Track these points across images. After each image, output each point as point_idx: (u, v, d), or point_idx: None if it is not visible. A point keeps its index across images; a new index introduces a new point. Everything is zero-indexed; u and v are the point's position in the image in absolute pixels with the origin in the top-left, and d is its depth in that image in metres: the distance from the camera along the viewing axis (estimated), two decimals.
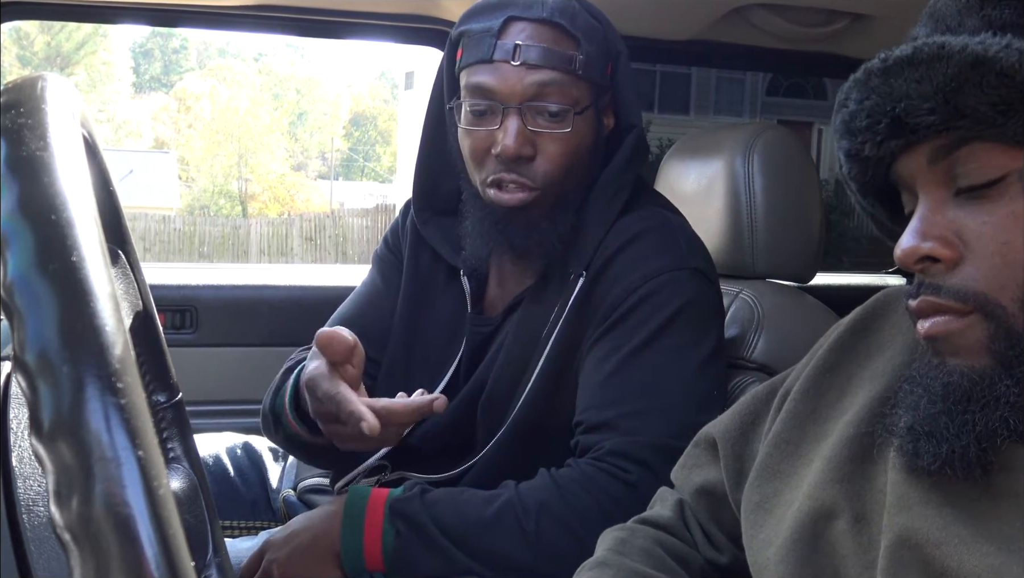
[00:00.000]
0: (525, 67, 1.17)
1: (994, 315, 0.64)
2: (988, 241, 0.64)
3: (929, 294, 0.66)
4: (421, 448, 1.30)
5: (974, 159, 0.64)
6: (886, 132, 0.66)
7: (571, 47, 1.19)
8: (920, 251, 0.66)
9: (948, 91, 0.63)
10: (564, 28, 1.19)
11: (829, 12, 1.80)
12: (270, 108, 30.72)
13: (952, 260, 0.65)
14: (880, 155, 0.68)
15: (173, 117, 28.96)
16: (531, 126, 1.18)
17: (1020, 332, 0.63)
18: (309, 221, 16.67)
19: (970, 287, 0.64)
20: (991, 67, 0.61)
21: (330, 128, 33.05)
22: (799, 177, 1.46)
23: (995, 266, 0.63)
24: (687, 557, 0.92)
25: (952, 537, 0.64)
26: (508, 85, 1.17)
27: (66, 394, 0.34)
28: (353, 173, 32.21)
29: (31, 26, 22.97)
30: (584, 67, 1.19)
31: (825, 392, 0.83)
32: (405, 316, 1.37)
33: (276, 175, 27.69)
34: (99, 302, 0.36)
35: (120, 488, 0.34)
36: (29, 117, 0.42)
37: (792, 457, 0.82)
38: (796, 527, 0.75)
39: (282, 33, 1.97)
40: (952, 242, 0.65)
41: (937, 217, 0.66)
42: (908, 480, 0.69)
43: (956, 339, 0.65)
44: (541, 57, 1.17)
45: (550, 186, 1.20)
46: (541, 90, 1.17)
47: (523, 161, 1.19)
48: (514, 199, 1.20)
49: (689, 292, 1.19)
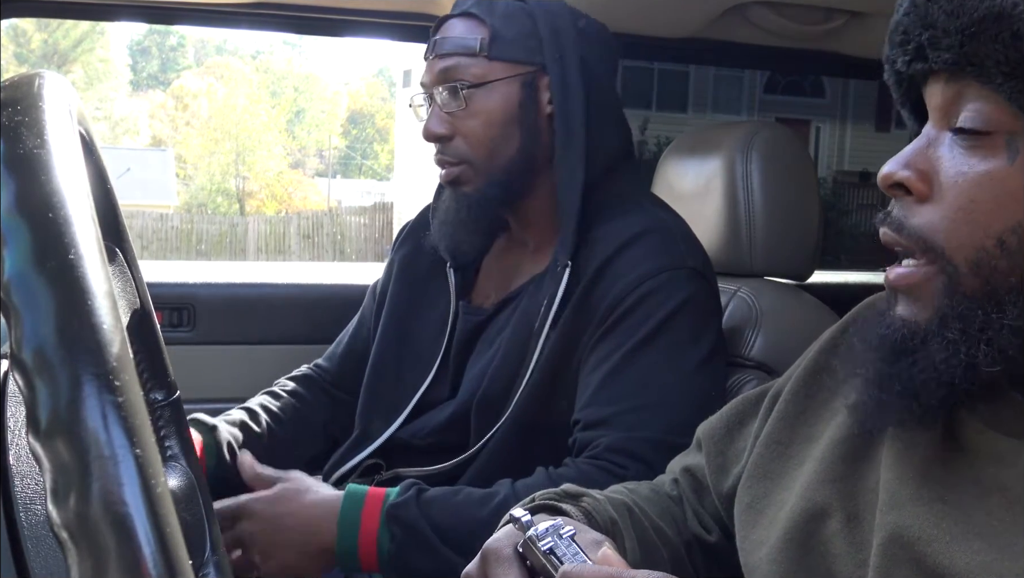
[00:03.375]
0: (437, 57, 1.30)
1: (946, 272, 0.64)
2: (958, 193, 0.64)
3: (892, 229, 0.67)
4: (415, 445, 1.31)
5: (977, 103, 0.64)
6: (913, 54, 0.67)
7: (480, 32, 1.28)
8: (895, 177, 0.67)
9: (967, 34, 0.63)
10: (476, 16, 1.29)
11: (827, 9, 1.80)
12: (268, 106, 30.68)
13: (921, 195, 0.66)
14: (909, 72, 0.69)
15: (170, 115, 28.93)
16: (444, 109, 1.29)
17: (964, 293, 0.64)
18: (307, 219, 16.67)
19: (930, 236, 0.65)
20: (1009, 24, 0.61)
21: (328, 126, 33.03)
22: (797, 175, 1.46)
23: (957, 220, 0.64)
24: (679, 521, 0.94)
25: (943, 534, 0.64)
26: (427, 76, 1.32)
27: (63, 392, 0.34)
28: (351, 171, 32.20)
29: (28, 23, 22.95)
30: (492, 48, 1.27)
31: (816, 393, 0.83)
32: (396, 316, 1.41)
33: (274, 173, 27.68)
34: (96, 300, 0.36)
35: (117, 486, 0.34)
36: (26, 115, 0.42)
37: (782, 458, 0.82)
38: (788, 528, 0.76)
39: (280, 31, 1.97)
40: (928, 178, 0.66)
41: (927, 151, 0.67)
42: (900, 478, 0.69)
43: (915, 289, 0.67)
44: (445, 46, 1.29)
45: (471, 161, 1.29)
46: (446, 74, 1.29)
47: (445, 140, 1.30)
48: (444, 175, 1.32)
49: (687, 291, 1.20)
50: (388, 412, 1.35)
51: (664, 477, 1.01)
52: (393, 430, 1.32)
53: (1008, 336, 0.62)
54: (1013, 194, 0.62)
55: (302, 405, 1.46)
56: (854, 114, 7.91)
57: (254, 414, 1.40)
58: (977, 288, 0.63)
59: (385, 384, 1.38)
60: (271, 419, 1.41)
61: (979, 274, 0.63)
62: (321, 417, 1.46)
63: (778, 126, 1.51)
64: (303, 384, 1.50)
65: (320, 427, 1.45)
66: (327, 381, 1.51)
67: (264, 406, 1.43)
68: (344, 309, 1.87)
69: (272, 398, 1.46)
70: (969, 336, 0.63)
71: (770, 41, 1.90)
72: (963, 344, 0.63)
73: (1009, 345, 0.62)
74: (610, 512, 0.85)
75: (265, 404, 1.43)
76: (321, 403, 1.48)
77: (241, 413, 1.39)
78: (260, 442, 1.37)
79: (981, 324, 0.63)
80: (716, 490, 0.92)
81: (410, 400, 1.34)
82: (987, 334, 0.63)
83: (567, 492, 0.87)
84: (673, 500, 0.97)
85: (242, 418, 1.38)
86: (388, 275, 1.48)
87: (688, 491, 0.97)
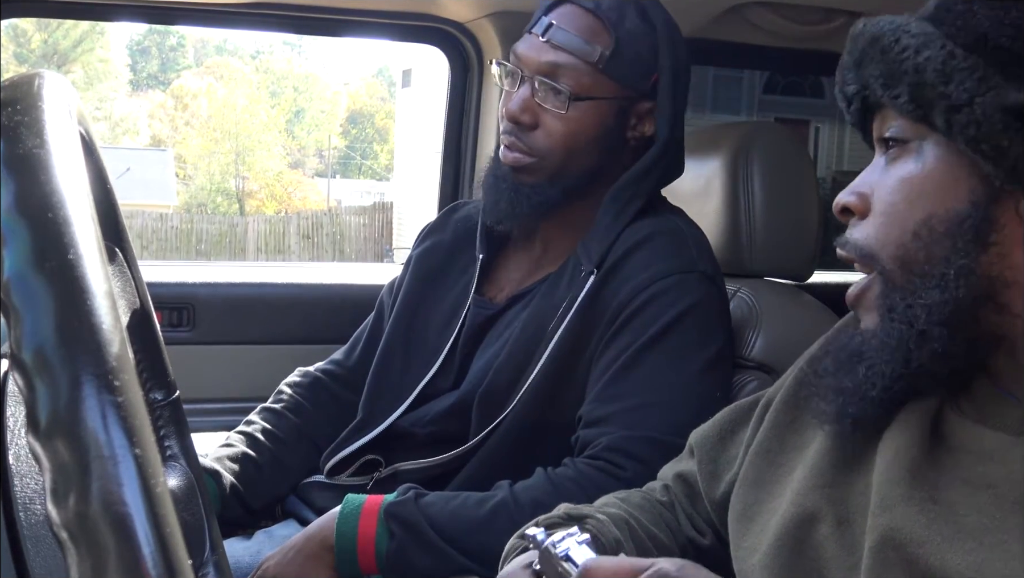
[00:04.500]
0: (550, 44, 1.24)
1: (881, 272, 0.72)
2: (881, 200, 0.73)
3: (840, 246, 0.76)
4: (415, 434, 1.31)
5: (893, 120, 0.73)
6: (841, 95, 0.78)
7: (603, 41, 1.23)
8: (840, 203, 0.77)
9: (857, 63, 0.74)
10: (603, 22, 1.23)
11: (826, 10, 1.80)
12: (267, 106, 30.66)
13: (862, 212, 0.75)
14: (851, 110, 0.77)
15: (170, 115, 28.91)
16: (538, 98, 1.25)
17: (896, 288, 0.71)
18: (306, 219, 16.66)
19: (862, 244, 0.73)
20: (878, 44, 0.71)
21: (327, 126, 33.01)
22: (797, 175, 1.46)
23: (882, 225, 0.72)
24: (673, 526, 0.96)
25: (935, 535, 0.65)
26: (529, 56, 1.26)
27: (63, 392, 0.34)
28: (350, 171, 32.18)
29: (28, 23, 22.95)
30: (608, 63, 1.23)
31: (805, 402, 0.84)
32: (408, 307, 1.40)
33: (273, 173, 27.65)
34: (96, 300, 0.36)
35: (117, 486, 0.34)
36: (26, 115, 0.42)
37: (773, 466, 0.83)
38: (780, 534, 0.76)
39: (280, 31, 1.97)
40: (866, 199, 0.74)
41: (869, 176, 0.75)
42: (890, 480, 0.69)
43: (862, 298, 0.75)
44: (564, 40, 1.24)
45: (545, 159, 1.26)
46: (554, 69, 1.24)
47: (524, 128, 1.26)
48: (509, 157, 1.28)
49: (696, 295, 1.21)
50: (392, 400, 1.35)
51: (654, 484, 1.02)
52: (396, 417, 1.32)
53: (924, 312, 0.69)
54: (923, 193, 0.70)
55: (304, 422, 1.45)
56: None
57: (256, 443, 1.39)
58: (904, 281, 0.71)
59: (391, 373, 1.37)
60: (273, 444, 1.40)
61: (904, 268, 0.71)
62: (324, 430, 1.44)
63: (778, 126, 1.51)
64: (308, 393, 1.48)
65: (324, 440, 1.43)
66: (338, 382, 1.49)
67: (266, 431, 1.41)
68: (344, 309, 1.88)
69: (274, 417, 1.44)
70: (897, 323, 0.70)
71: (769, 41, 1.90)
72: (895, 331, 0.70)
73: (928, 322, 0.69)
74: (614, 532, 0.87)
75: (267, 428, 1.42)
76: (325, 414, 1.46)
77: (242, 445, 1.39)
78: (262, 474, 1.37)
79: (904, 307, 0.70)
80: (708, 496, 0.93)
81: (414, 389, 1.34)
82: (907, 316, 0.70)
83: (570, 515, 0.88)
84: (665, 506, 0.98)
85: (244, 451, 1.37)
86: (405, 271, 1.47)
87: (681, 496, 0.98)
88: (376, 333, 1.48)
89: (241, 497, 1.34)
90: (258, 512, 1.38)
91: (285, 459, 1.41)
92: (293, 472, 1.42)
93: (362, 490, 1.28)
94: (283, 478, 1.40)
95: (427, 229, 1.50)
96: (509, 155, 1.28)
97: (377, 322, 1.50)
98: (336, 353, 1.54)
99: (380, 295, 1.53)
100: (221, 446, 1.39)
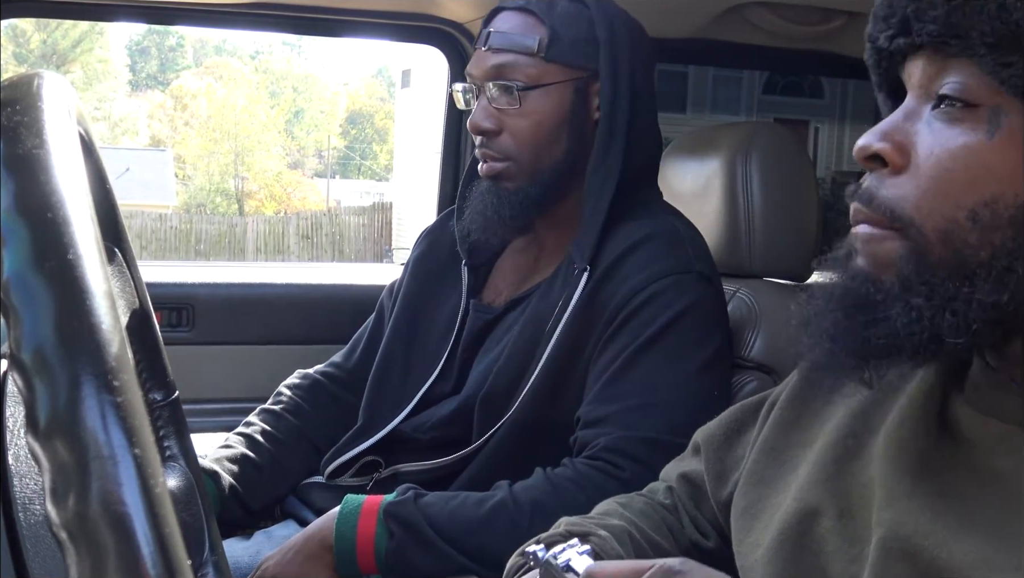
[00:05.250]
0: (491, 51, 1.28)
1: (912, 237, 0.64)
2: (934, 164, 0.63)
3: (863, 203, 0.67)
4: (416, 439, 1.31)
5: (962, 75, 0.63)
6: (897, 27, 0.67)
7: (538, 32, 1.26)
8: (871, 148, 0.66)
9: (953, 5, 0.62)
10: (535, 15, 1.27)
11: (826, 10, 1.80)
12: (267, 106, 30.66)
13: (897, 166, 0.65)
14: (891, 49, 0.68)
15: (169, 115, 28.90)
16: (495, 104, 1.28)
17: (932, 260, 0.63)
18: (306, 219, 16.66)
19: (900, 207, 0.65)
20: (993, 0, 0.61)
21: (327, 126, 33.00)
22: (796, 176, 1.46)
23: (930, 191, 0.63)
24: (676, 531, 0.94)
25: (940, 529, 0.64)
26: (477, 68, 1.30)
27: (62, 392, 0.34)
28: (350, 171, 32.18)
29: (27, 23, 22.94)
30: (549, 51, 1.26)
31: (810, 400, 0.83)
32: (407, 312, 1.41)
33: (273, 173, 27.66)
34: (95, 300, 0.36)
35: (116, 486, 0.34)
36: (25, 115, 0.42)
37: (777, 463, 0.82)
38: (782, 529, 0.76)
39: (279, 31, 1.97)
40: (905, 150, 0.65)
41: (905, 124, 0.66)
42: (896, 474, 0.68)
43: (872, 245, 0.66)
44: (502, 42, 1.28)
45: (517, 160, 1.28)
46: (500, 71, 1.27)
47: (491, 136, 1.29)
48: (485, 168, 1.30)
49: (694, 295, 1.21)
50: (392, 406, 1.35)
51: (657, 485, 1.01)
52: (397, 423, 1.32)
53: (977, 310, 0.61)
54: (990, 169, 0.61)
55: (304, 424, 1.45)
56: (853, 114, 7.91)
57: (255, 444, 1.40)
58: (946, 258, 0.63)
59: (391, 378, 1.38)
60: (272, 445, 1.40)
61: (948, 245, 0.63)
62: (323, 432, 1.44)
63: (777, 127, 1.51)
64: (307, 395, 1.48)
65: (324, 442, 1.43)
66: (338, 384, 1.50)
67: (265, 432, 1.42)
68: (343, 310, 1.88)
69: (273, 419, 1.44)
70: (934, 305, 0.63)
71: (769, 42, 1.90)
72: (927, 311, 0.63)
73: (976, 319, 0.62)
74: (617, 549, 0.86)
75: (267, 429, 1.42)
76: (324, 416, 1.47)
77: (242, 446, 1.39)
78: (261, 476, 1.37)
79: (950, 295, 0.62)
80: (715, 497, 0.92)
81: (415, 394, 1.34)
82: (954, 305, 0.62)
83: (572, 532, 0.87)
84: (668, 509, 0.97)
85: (243, 452, 1.37)
86: (404, 274, 1.48)
87: (685, 498, 0.97)
88: (376, 336, 1.48)
89: (240, 498, 1.34)
90: (257, 513, 1.38)
91: (284, 460, 1.41)
92: (292, 473, 1.42)
93: (362, 491, 1.28)
94: (282, 479, 1.41)
95: (425, 232, 1.51)
96: (485, 167, 1.30)
97: (377, 325, 1.50)
98: (335, 355, 1.54)
99: (380, 298, 1.53)
100: (220, 447, 1.39)
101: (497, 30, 1.28)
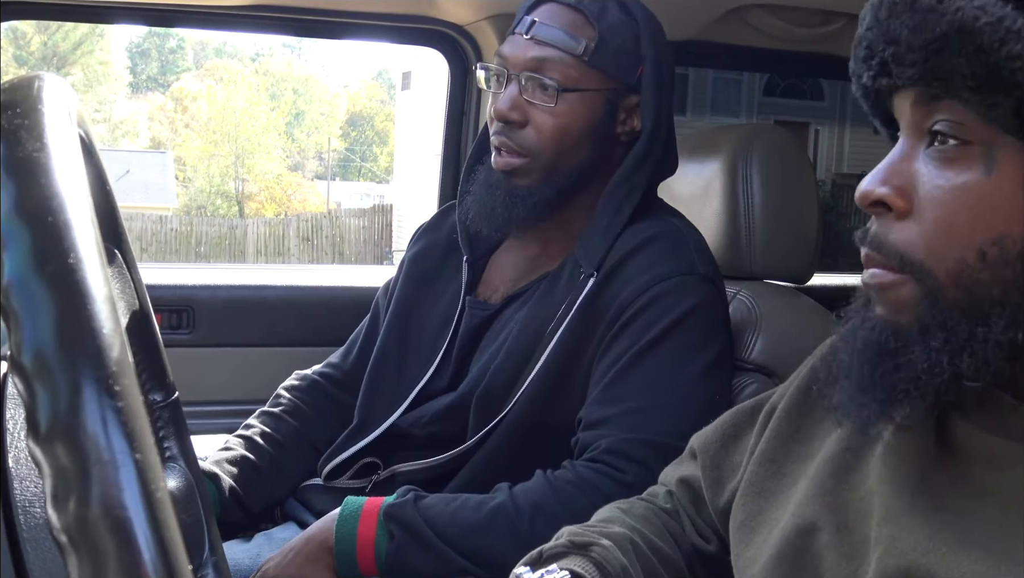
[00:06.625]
0: (533, 41, 1.25)
1: (925, 281, 0.64)
2: (937, 206, 0.63)
3: (873, 248, 0.67)
4: (413, 435, 1.31)
5: (951, 112, 0.63)
6: (878, 69, 0.66)
7: (587, 34, 1.24)
8: (874, 195, 0.66)
9: (931, 49, 0.62)
10: (586, 16, 1.24)
11: (826, 13, 1.80)
12: (267, 108, 30.65)
13: (902, 211, 0.65)
14: (876, 87, 0.68)
15: (170, 117, 28.90)
16: (526, 96, 1.25)
17: (947, 302, 0.63)
18: (306, 221, 16.65)
19: (909, 252, 0.64)
20: (973, 39, 0.60)
21: (327, 128, 33.00)
22: (796, 178, 1.46)
23: (937, 234, 0.63)
24: (677, 535, 0.94)
25: (940, 545, 0.63)
26: (515, 54, 1.26)
27: (63, 396, 0.34)
28: (350, 173, 32.17)
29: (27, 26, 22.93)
30: (593, 55, 1.24)
31: (809, 412, 0.83)
32: (403, 310, 1.40)
33: (273, 175, 27.64)
34: (96, 304, 0.36)
35: (117, 490, 0.34)
36: (26, 118, 0.42)
37: (776, 476, 0.82)
38: (780, 545, 0.75)
39: (280, 33, 1.97)
40: (906, 193, 0.65)
41: (903, 166, 0.66)
42: (895, 490, 0.68)
43: (888, 292, 0.66)
44: (548, 35, 1.24)
45: (536, 157, 1.25)
46: (540, 64, 1.24)
47: (514, 127, 1.26)
48: (501, 162, 1.27)
49: (697, 297, 1.21)
50: (389, 403, 1.35)
51: (657, 489, 1.01)
52: (394, 419, 1.32)
53: (995, 349, 0.61)
54: (994, 206, 0.61)
55: (303, 425, 1.45)
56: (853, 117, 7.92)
57: (255, 446, 1.40)
58: (959, 299, 0.63)
59: (387, 376, 1.37)
60: (272, 447, 1.41)
61: (960, 286, 0.62)
62: (323, 433, 1.44)
63: (777, 129, 1.51)
64: (306, 396, 1.48)
65: (323, 443, 1.43)
66: (336, 385, 1.50)
67: (265, 434, 1.42)
68: (343, 312, 1.88)
69: (273, 421, 1.44)
70: (952, 346, 0.62)
71: (769, 44, 1.90)
72: (945, 354, 0.63)
73: (994, 358, 0.62)
74: (620, 559, 0.85)
75: (266, 432, 1.42)
76: (324, 417, 1.47)
77: (241, 448, 1.39)
78: (261, 478, 1.37)
79: (966, 335, 0.62)
80: (712, 503, 0.92)
81: (411, 391, 1.33)
82: (972, 346, 0.62)
83: (574, 542, 0.86)
84: (669, 513, 0.96)
85: (243, 454, 1.37)
86: (399, 273, 1.47)
87: (685, 502, 0.97)
88: (372, 335, 1.47)
89: (240, 500, 1.34)
90: (257, 515, 1.38)
91: (284, 462, 1.41)
92: (292, 475, 1.42)
93: (361, 493, 1.28)
94: (282, 481, 1.40)
95: (421, 230, 1.50)
96: (500, 160, 1.27)
97: (373, 324, 1.50)
98: (333, 356, 1.54)
99: (375, 297, 1.53)
100: (220, 450, 1.39)
101: (544, 21, 1.25)
